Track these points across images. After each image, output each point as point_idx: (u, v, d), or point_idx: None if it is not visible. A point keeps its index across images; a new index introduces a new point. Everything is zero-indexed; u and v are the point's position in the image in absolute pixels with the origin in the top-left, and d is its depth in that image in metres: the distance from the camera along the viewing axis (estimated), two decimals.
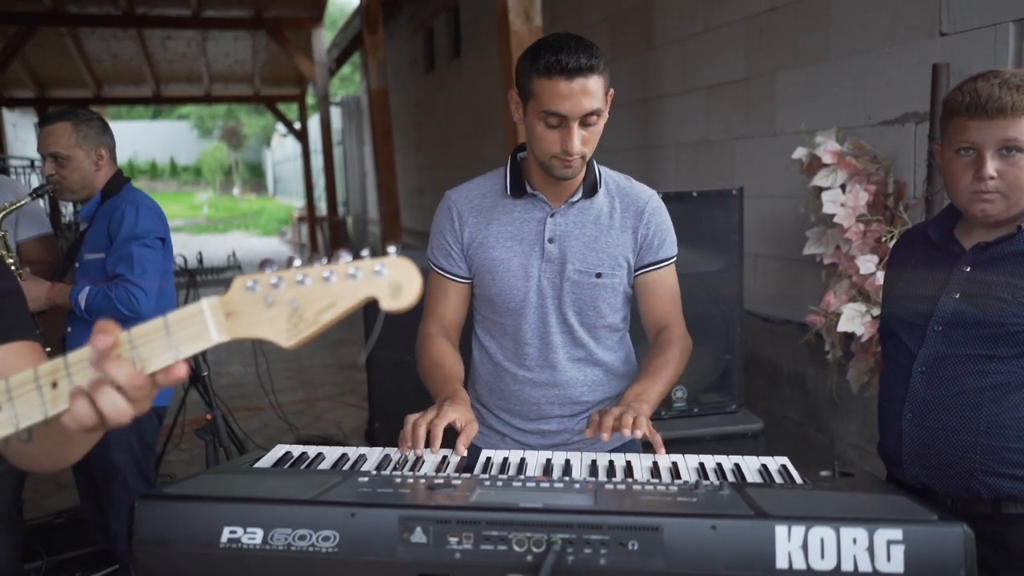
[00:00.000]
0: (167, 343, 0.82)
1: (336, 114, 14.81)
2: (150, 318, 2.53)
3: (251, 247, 16.19)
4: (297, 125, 15.27)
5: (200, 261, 3.60)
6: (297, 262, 0.81)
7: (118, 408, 0.82)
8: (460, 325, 1.82)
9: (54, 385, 0.85)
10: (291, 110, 16.10)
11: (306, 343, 0.82)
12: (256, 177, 37.15)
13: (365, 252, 0.81)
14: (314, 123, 16.01)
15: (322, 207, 15.30)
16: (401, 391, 2.97)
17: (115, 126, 2.68)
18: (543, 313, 1.72)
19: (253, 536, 1.08)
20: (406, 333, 2.92)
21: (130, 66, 12.89)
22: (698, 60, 4.05)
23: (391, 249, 0.81)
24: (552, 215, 1.71)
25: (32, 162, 9.36)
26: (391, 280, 0.80)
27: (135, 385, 0.82)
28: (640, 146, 4.62)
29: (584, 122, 1.57)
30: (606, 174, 1.77)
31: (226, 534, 1.09)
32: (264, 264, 0.82)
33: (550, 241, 1.70)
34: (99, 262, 2.45)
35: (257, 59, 13.13)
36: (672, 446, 1.66)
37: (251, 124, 34.22)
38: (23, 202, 2.55)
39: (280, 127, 25.54)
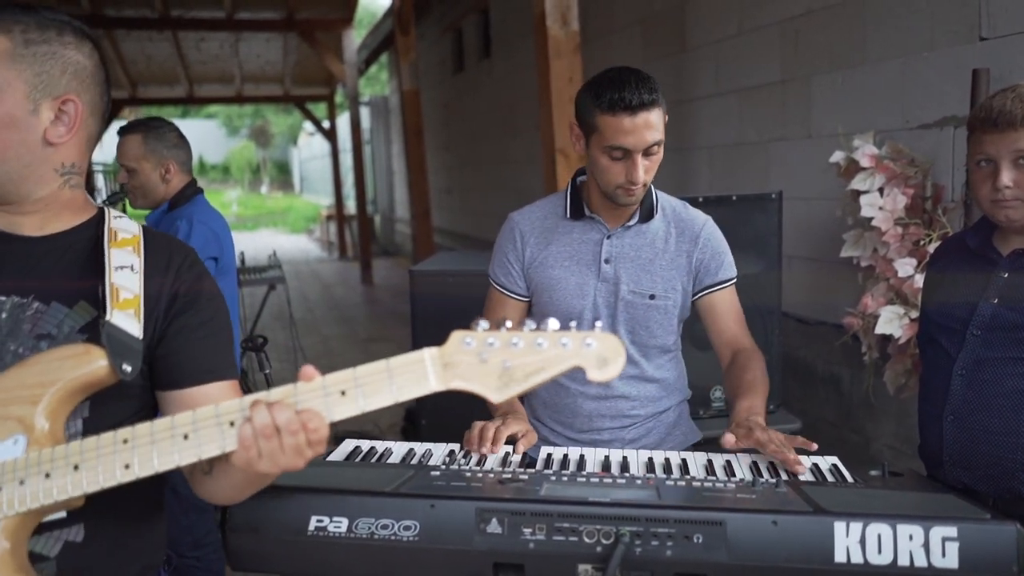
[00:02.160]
0: (388, 385, 0.92)
1: (364, 114, 14.96)
2: None
3: (280, 244, 16.39)
4: (326, 124, 15.43)
5: (242, 261, 3.69)
6: (508, 324, 0.90)
7: (273, 450, 0.92)
8: None
9: (231, 424, 0.95)
10: (319, 109, 16.27)
11: (513, 397, 0.93)
12: (283, 175, 37.52)
13: (573, 324, 0.90)
14: (342, 122, 16.19)
15: (350, 205, 15.47)
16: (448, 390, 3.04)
17: None
18: None
19: (339, 525, 1.16)
20: None
21: (164, 67, 13.11)
22: (732, 63, 4.08)
23: (598, 324, 0.91)
24: (609, 237, 1.77)
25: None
26: (599, 353, 0.89)
27: (290, 430, 0.92)
28: (672, 148, 4.66)
29: (647, 152, 1.63)
30: (663, 199, 1.83)
31: (313, 522, 1.16)
32: (476, 322, 0.91)
33: (606, 262, 1.77)
34: None
35: (288, 60, 13.29)
36: (710, 445, 1.72)
37: (279, 123, 34.57)
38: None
39: (307, 126, 25.81)
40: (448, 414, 2.88)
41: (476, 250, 8.77)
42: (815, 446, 1.51)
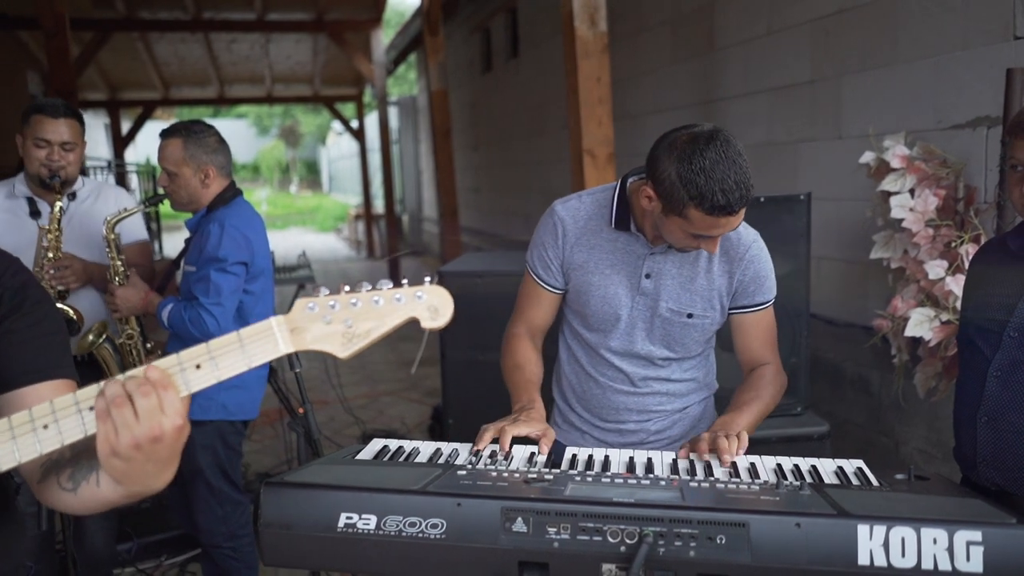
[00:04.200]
0: (241, 354, 0.97)
1: (393, 114, 15.05)
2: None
3: (309, 243, 16.55)
4: (354, 124, 15.55)
5: (272, 261, 3.73)
6: (347, 287, 0.98)
7: (127, 419, 0.92)
8: (546, 330, 1.91)
9: (90, 408, 0.96)
10: (347, 109, 16.40)
11: (359, 354, 1.00)
12: (312, 175, 37.86)
13: (404, 280, 1.00)
14: (370, 122, 16.30)
15: (378, 205, 15.57)
16: (474, 389, 3.07)
17: None
18: (631, 341, 1.80)
19: (368, 522, 1.18)
20: (480, 334, 3.03)
21: (196, 68, 13.30)
22: (761, 63, 4.06)
23: (427, 278, 1.00)
24: (652, 253, 1.75)
25: (109, 163, 9.77)
26: (429, 304, 0.98)
27: (141, 391, 0.92)
28: None
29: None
30: None
31: (343, 519, 1.19)
32: (318, 289, 0.98)
33: (647, 276, 1.75)
34: (191, 275, 2.58)
35: (317, 60, 13.42)
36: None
37: (308, 123, 34.87)
38: (136, 210, 2.71)
39: (336, 125, 26.01)
40: (474, 413, 2.90)
41: (503, 249, 8.80)
42: (741, 451, 1.52)
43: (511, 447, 1.54)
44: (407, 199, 16.25)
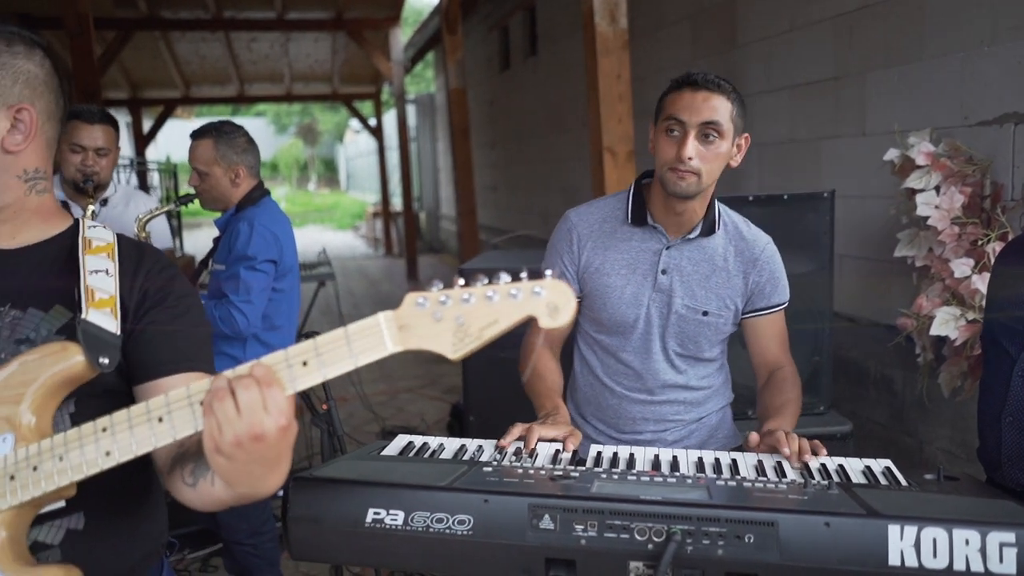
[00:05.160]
0: (348, 351, 0.92)
1: (410, 111, 15.09)
2: (248, 336, 2.67)
3: (328, 241, 16.62)
4: (372, 122, 15.60)
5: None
6: (461, 282, 0.90)
7: (229, 414, 0.90)
8: (563, 339, 1.92)
9: (201, 403, 0.96)
10: (365, 107, 16.45)
11: (470, 355, 0.91)
12: (330, 172, 38.02)
13: (523, 274, 0.90)
14: (388, 120, 16.34)
15: (396, 202, 15.62)
16: (496, 386, 3.08)
17: (198, 123, 2.80)
18: (647, 340, 1.79)
19: (395, 518, 1.19)
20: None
21: (217, 67, 13.39)
22: (784, 59, 4.03)
23: (548, 272, 0.90)
24: (668, 248, 1.76)
25: (132, 161, 9.84)
26: (549, 301, 0.88)
27: (243, 385, 0.91)
28: None
29: (703, 134, 1.62)
30: (726, 215, 1.81)
31: (371, 515, 1.20)
32: (431, 282, 0.91)
33: (663, 272, 1.76)
34: (220, 273, 2.60)
35: (336, 59, 13.47)
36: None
37: (326, 121, 35.03)
38: (166, 208, 2.75)
39: (354, 123, 26.09)
40: (495, 411, 2.91)
41: (521, 247, 8.80)
42: (824, 451, 1.51)
43: (535, 446, 1.54)
44: (424, 197, 16.28)
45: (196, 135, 2.66)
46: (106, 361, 1.07)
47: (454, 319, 0.89)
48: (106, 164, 2.74)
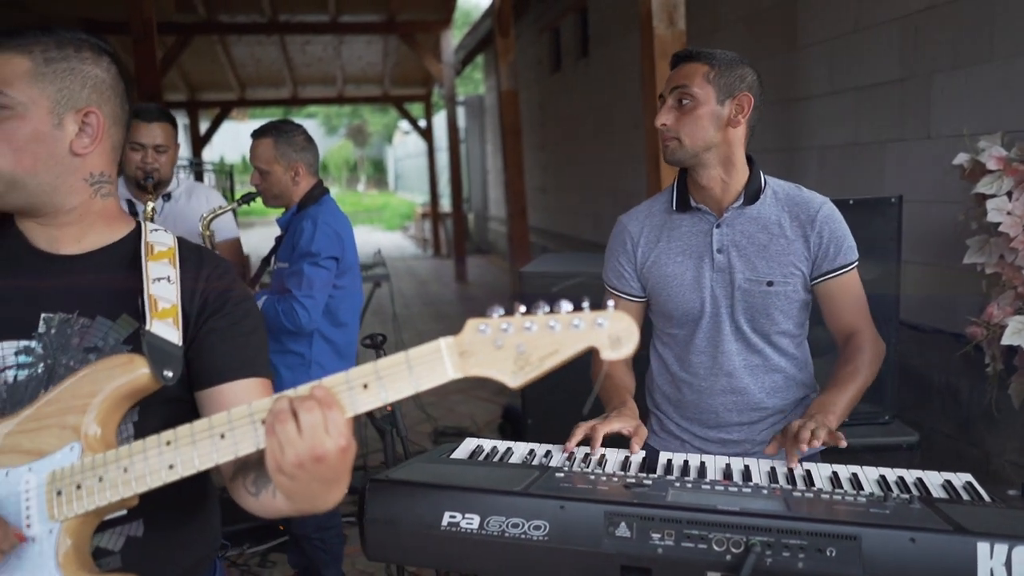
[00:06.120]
0: (408, 376, 0.93)
1: (459, 113, 15.17)
2: (310, 331, 2.70)
3: (377, 241, 16.80)
4: (422, 124, 15.73)
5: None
6: (522, 309, 0.90)
7: (291, 435, 0.92)
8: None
9: (263, 422, 0.98)
10: (415, 108, 16.59)
11: (530, 383, 0.92)
12: (378, 173, 38.43)
13: (585, 304, 0.90)
14: (437, 121, 16.45)
15: (444, 204, 15.72)
16: (554, 389, 3.07)
17: (252, 125, 2.85)
18: (717, 322, 1.78)
19: (471, 521, 1.20)
20: None
21: (271, 70, 13.64)
22: (847, 61, 3.95)
23: (610, 303, 0.91)
24: (718, 225, 1.76)
25: (190, 161, 10.09)
26: (611, 332, 0.89)
27: (305, 407, 0.92)
28: (781, 148, 4.55)
29: (678, 100, 1.71)
30: (772, 183, 1.81)
31: (446, 518, 1.21)
32: (492, 309, 0.91)
33: (718, 251, 1.76)
34: (284, 271, 2.66)
35: (387, 61, 13.61)
36: (824, 455, 1.69)
37: (375, 122, 35.43)
38: (229, 207, 2.81)
39: (403, 125, 26.33)
40: (553, 414, 2.90)
41: (571, 249, 8.78)
42: (844, 443, 1.48)
43: (597, 445, 1.54)
44: (473, 198, 16.36)
45: (256, 134, 2.72)
46: (170, 374, 1.09)
47: (515, 347, 0.89)
48: (166, 161, 2.81)
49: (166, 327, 1.12)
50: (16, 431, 1.07)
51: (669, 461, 1.51)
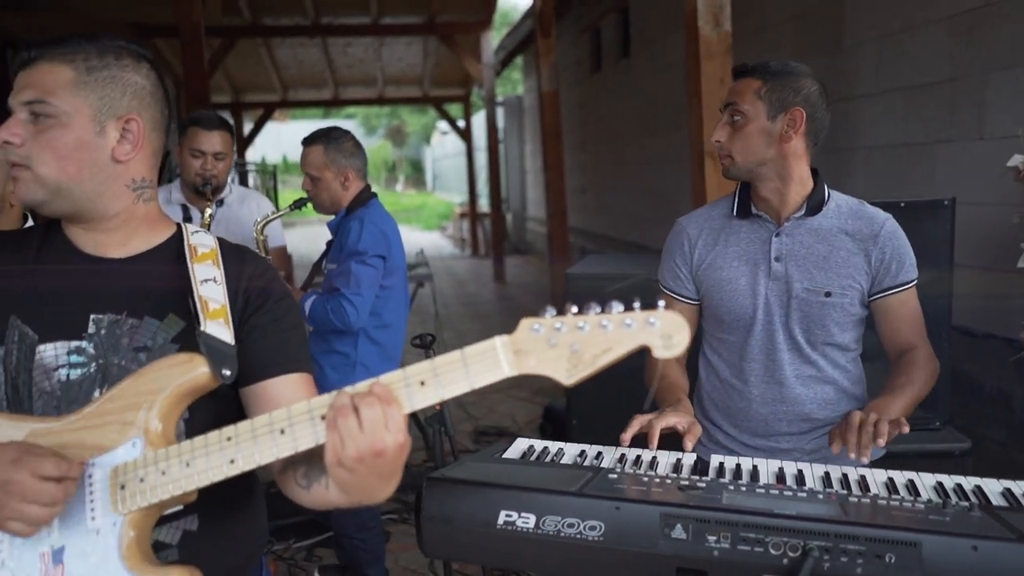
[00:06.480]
0: (464, 374, 0.96)
1: (498, 113, 15.21)
2: (357, 331, 2.75)
3: (415, 241, 16.93)
4: (461, 124, 15.81)
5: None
6: (574, 309, 0.93)
7: (352, 429, 0.94)
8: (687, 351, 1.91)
9: (322, 418, 1.00)
10: (453, 109, 16.67)
11: (584, 381, 0.94)
12: (416, 173, 38.67)
13: (636, 304, 0.92)
14: (476, 121, 16.51)
15: (482, 203, 15.78)
16: (599, 390, 3.08)
17: (293, 126, 2.90)
18: (770, 331, 1.77)
19: (527, 520, 1.22)
20: None
21: (314, 71, 13.83)
22: (896, 60, 3.89)
23: (661, 303, 0.93)
24: (777, 234, 1.76)
25: (235, 163, 10.26)
26: (663, 331, 0.91)
27: (366, 403, 0.95)
28: (826, 149, 4.47)
29: (731, 116, 1.73)
30: (836, 196, 1.80)
31: (502, 517, 1.23)
32: (545, 309, 0.94)
33: (776, 260, 1.75)
34: (333, 271, 2.70)
35: (427, 62, 13.71)
36: (883, 463, 1.66)
37: (413, 123, 35.67)
38: (282, 213, 2.87)
39: (441, 125, 26.46)
40: (598, 415, 2.91)
41: (610, 250, 8.76)
42: (907, 429, 1.46)
43: (655, 438, 1.54)
44: (511, 198, 16.39)
45: (307, 142, 2.77)
46: (228, 373, 1.12)
47: (568, 346, 0.92)
48: (223, 168, 2.88)
49: (219, 327, 1.16)
50: (79, 427, 1.11)
51: (721, 464, 1.51)
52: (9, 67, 1.21)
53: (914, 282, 1.76)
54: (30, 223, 1.98)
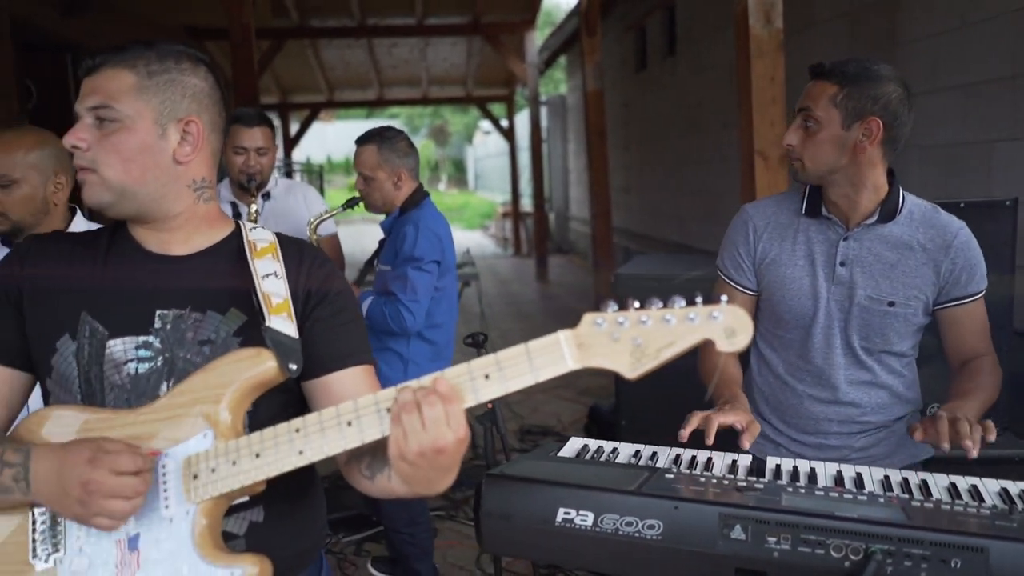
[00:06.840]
0: (528, 367, 0.98)
1: (542, 113, 15.22)
2: (413, 332, 2.77)
3: (458, 240, 17.03)
4: (504, 123, 15.85)
5: None
6: (636, 304, 0.94)
7: (415, 425, 0.97)
8: None
9: (388, 410, 1.03)
10: (496, 108, 16.72)
11: (648, 374, 0.95)
12: (459, 173, 38.85)
13: (698, 299, 0.93)
14: (519, 121, 16.53)
15: (525, 203, 15.80)
16: (648, 391, 3.08)
17: (337, 126, 2.93)
18: (829, 335, 1.75)
19: (585, 518, 1.23)
20: None
21: (359, 72, 14.00)
22: (952, 57, 3.81)
23: (723, 298, 0.94)
24: (845, 239, 1.73)
25: (281, 162, 10.45)
26: (726, 325, 0.92)
27: (428, 401, 0.97)
28: None
29: (804, 120, 1.68)
30: (911, 201, 1.75)
31: (561, 514, 1.24)
32: (606, 304, 0.95)
33: (841, 264, 1.72)
34: (387, 274, 2.74)
35: (471, 62, 13.78)
36: (933, 466, 1.64)
37: (455, 122, 35.84)
38: (334, 212, 2.92)
39: (483, 125, 26.55)
40: (647, 415, 2.90)
41: (654, 250, 8.70)
42: (993, 436, 1.42)
43: (712, 435, 1.52)
44: (554, 198, 16.38)
45: (361, 141, 2.80)
46: (294, 367, 1.15)
47: (631, 340, 0.93)
48: (266, 162, 2.94)
49: (283, 321, 1.18)
50: (151, 419, 1.15)
51: (778, 466, 1.51)
52: (68, 71, 1.25)
53: (982, 293, 1.72)
54: (77, 221, 2.05)
